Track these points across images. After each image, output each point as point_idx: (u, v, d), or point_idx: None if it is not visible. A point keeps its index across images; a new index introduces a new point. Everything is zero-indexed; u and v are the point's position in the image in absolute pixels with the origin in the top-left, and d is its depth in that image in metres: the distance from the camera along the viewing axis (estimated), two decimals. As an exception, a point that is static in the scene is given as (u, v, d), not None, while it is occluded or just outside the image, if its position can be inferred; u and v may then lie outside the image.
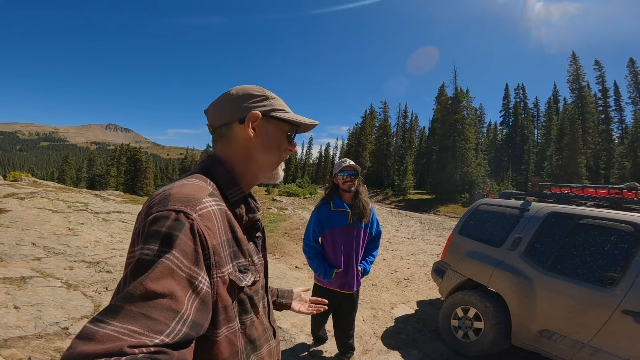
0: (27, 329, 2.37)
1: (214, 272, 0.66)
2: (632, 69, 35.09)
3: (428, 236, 11.33)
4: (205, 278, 0.62)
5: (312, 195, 27.30)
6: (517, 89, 51.68)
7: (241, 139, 0.81)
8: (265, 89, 0.86)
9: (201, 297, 0.59)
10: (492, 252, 3.34)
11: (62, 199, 7.57)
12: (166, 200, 0.65)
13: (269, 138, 0.84)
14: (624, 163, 27.37)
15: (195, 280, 0.59)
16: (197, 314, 0.57)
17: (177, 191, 0.67)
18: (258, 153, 0.83)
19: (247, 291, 0.77)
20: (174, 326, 0.52)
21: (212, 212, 0.68)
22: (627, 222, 2.58)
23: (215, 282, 0.66)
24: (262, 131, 0.82)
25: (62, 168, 57.76)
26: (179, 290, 0.55)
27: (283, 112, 0.85)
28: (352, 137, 59.71)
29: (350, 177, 2.50)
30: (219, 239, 0.68)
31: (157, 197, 0.67)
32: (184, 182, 0.72)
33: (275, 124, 0.84)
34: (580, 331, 2.53)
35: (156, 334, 0.49)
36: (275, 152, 0.86)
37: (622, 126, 35.94)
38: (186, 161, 68.96)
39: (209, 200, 0.70)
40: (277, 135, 0.85)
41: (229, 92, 0.84)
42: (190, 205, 0.64)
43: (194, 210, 0.64)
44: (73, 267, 3.81)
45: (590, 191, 3.41)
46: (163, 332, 0.50)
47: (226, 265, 0.70)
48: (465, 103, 34.97)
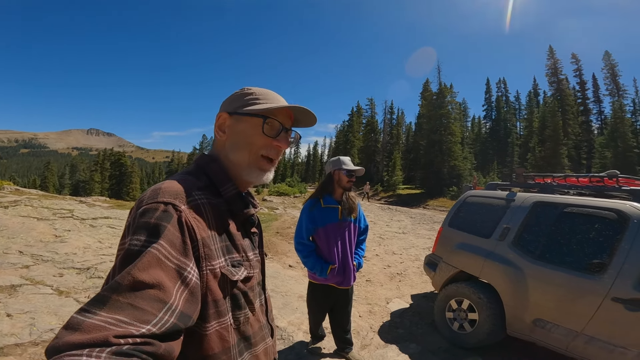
0: (22, 336, 2.35)
1: (204, 265, 0.66)
2: (608, 61, 36.19)
3: (419, 230, 11.48)
4: (195, 269, 0.62)
5: (302, 194, 27.28)
6: (498, 83, 52.84)
7: (218, 140, 0.84)
8: (253, 88, 0.84)
9: (190, 288, 0.59)
10: (482, 243, 3.38)
11: (46, 206, 7.40)
12: (156, 194, 0.66)
13: (237, 135, 0.81)
14: (605, 153, 28.19)
15: (183, 271, 0.59)
16: (185, 305, 0.57)
17: (167, 185, 0.69)
18: (229, 152, 0.82)
19: (240, 286, 0.76)
20: (161, 316, 0.51)
21: (201, 205, 0.69)
22: (610, 209, 2.62)
23: (205, 275, 0.66)
24: (231, 130, 0.81)
25: (44, 175, 56.25)
26: (167, 281, 0.55)
27: (254, 106, 0.80)
28: (340, 135, 59.78)
29: (354, 177, 2.57)
30: (208, 232, 0.69)
31: (149, 192, 0.68)
32: (176, 177, 0.74)
33: (245, 120, 0.80)
34: (573, 320, 2.55)
35: (143, 324, 0.49)
36: (245, 149, 0.80)
37: (602, 117, 37.06)
38: (173, 164, 67.98)
39: (199, 194, 0.71)
40: (247, 131, 0.80)
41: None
42: (179, 198, 0.66)
43: (182, 202, 0.66)
44: (63, 274, 3.76)
45: (572, 180, 3.49)
46: (150, 322, 0.50)
47: (217, 259, 0.70)
48: (450, 98, 35.45)
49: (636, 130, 31.46)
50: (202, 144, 69.92)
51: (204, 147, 69.58)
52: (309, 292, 2.78)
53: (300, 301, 3.97)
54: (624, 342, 2.29)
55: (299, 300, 4.01)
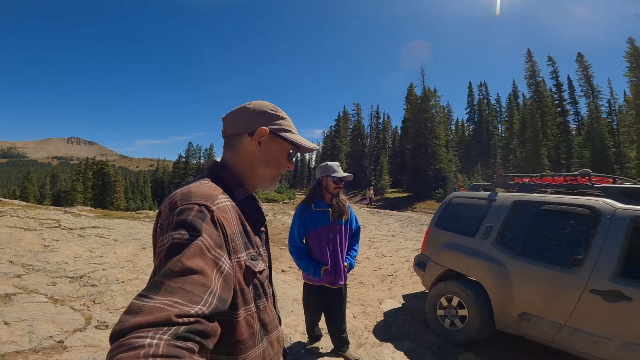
0: (22, 343, 2.37)
1: (233, 257, 0.76)
2: (582, 63, 37.56)
3: (408, 233, 11.69)
4: (227, 261, 0.72)
5: (291, 200, 27.30)
6: (480, 87, 54.27)
7: (248, 150, 0.92)
8: (279, 108, 0.97)
9: (224, 276, 0.68)
10: (468, 242, 3.50)
11: (32, 216, 7.26)
12: (188, 197, 0.76)
13: (271, 154, 0.94)
14: (583, 152, 29.15)
15: (219, 261, 0.68)
16: (222, 290, 0.65)
17: (195, 190, 0.79)
18: (259, 166, 0.93)
19: (259, 277, 0.87)
20: (206, 298, 0.59)
21: (226, 207, 0.80)
22: (584, 206, 2.78)
23: (234, 266, 0.76)
24: (266, 147, 0.93)
25: (24, 185, 54.41)
26: (207, 269, 0.63)
27: (289, 134, 0.95)
28: (328, 140, 60.19)
29: (342, 184, 2.69)
30: (234, 229, 0.80)
31: (178, 195, 0.78)
32: (198, 183, 0.83)
33: (280, 143, 0.94)
34: (556, 312, 2.65)
35: (194, 304, 0.56)
36: (275, 167, 0.95)
37: (578, 118, 38.38)
38: (158, 173, 66.80)
39: (223, 197, 0.81)
40: (278, 153, 0.95)
41: (247, 105, 0.95)
42: (209, 200, 0.76)
43: (213, 204, 0.76)
44: (56, 282, 3.76)
45: (548, 179, 3.66)
46: (199, 303, 0.57)
47: (242, 252, 0.81)
48: (434, 102, 36.17)
49: (612, 129, 32.72)
50: (188, 151, 68.91)
51: (190, 155, 68.61)
52: (304, 293, 2.86)
53: (295, 304, 4.05)
54: (606, 333, 2.38)
55: (293, 304, 4.09)
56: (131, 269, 4.66)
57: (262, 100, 0.98)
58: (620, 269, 2.43)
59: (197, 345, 0.53)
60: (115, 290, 3.73)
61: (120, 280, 4.06)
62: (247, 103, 0.96)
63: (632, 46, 26.08)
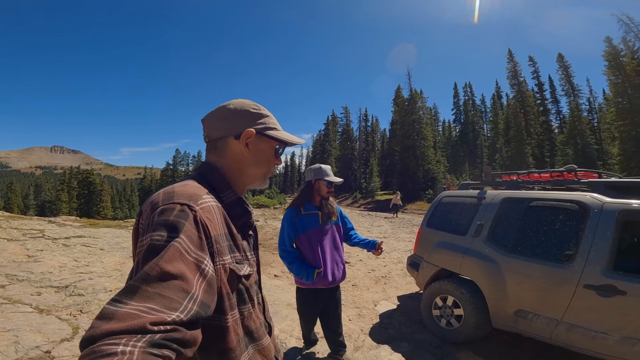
0: (9, 353, 2.29)
1: (217, 260, 0.73)
2: (562, 63, 38.55)
3: (399, 234, 11.75)
4: (210, 263, 0.68)
5: (281, 205, 27.15)
6: (465, 88, 55.16)
7: (235, 153, 0.90)
8: (260, 106, 0.95)
9: (207, 280, 0.64)
10: (459, 241, 3.51)
11: (15, 227, 7.07)
12: (171, 196, 0.72)
13: (260, 154, 0.93)
14: (566, 150, 29.87)
15: (201, 264, 0.65)
16: (204, 295, 0.61)
17: (179, 189, 0.76)
18: (249, 166, 0.92)
19: (244, 282, 0.84)
20: (185, 304, 0.56)
21: (211, 207, 0.77)
22: (571, 201, 2.81)
23: (219, 269, 0.73)
24: (254, 147, 0.91)
25: (8, 196, 52.83)
26: (188, 273, 0.60)
27: (275, 131, 0.95)
28: (317, 144, 60.22)
29: (334, 188, 2.67)
30: (218, 231, 0.76)
31: (161, 195, 0.74)
32: (183, 183, 0.81)
33: (267, 141, 0.94)
34: (552, 309, 2.63)
35: (172, 311, 0.53)
36: (265, 166, 0.95)
37: (560, 116, 39.30)
38: (145, 181, 65.67)
39: (208, 197, 0.78)
40: (267, 152, 0.95)
41: (227, 106, 0.91)
42: (192, 199, 0.73)
43: (196, 203, 0.72)
44: (41, 292, 3.65)
45: (535, 176, 3.68)
46: (177, 309, 0.54)
47: (226, 255, 0.77)
48: (421, 103, 36.71)
49: (593, 127, 33.62)
50: (176, 158, 67.99)
51: (178, 162, 67.70)
52: (298, 297, 2.80)
53: (289, 309, 4.00)
54: (604, 328, 2.37)
55: (287, 308, 4.04)
56: (119, 278, 4.54)
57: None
58: (612, 263, 2.44)
59: (174, 353, 0.50)
60: (102, 300, 3.62)
61: (108, 289, 3.94)
62: (227, 103, 0.93)
63: (609, 45, 26.83)
